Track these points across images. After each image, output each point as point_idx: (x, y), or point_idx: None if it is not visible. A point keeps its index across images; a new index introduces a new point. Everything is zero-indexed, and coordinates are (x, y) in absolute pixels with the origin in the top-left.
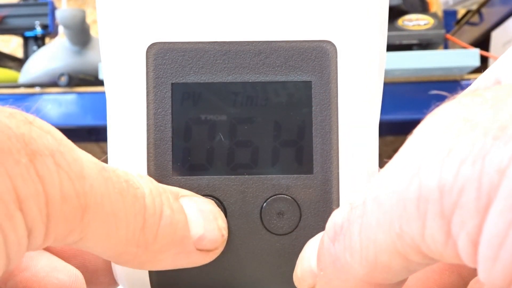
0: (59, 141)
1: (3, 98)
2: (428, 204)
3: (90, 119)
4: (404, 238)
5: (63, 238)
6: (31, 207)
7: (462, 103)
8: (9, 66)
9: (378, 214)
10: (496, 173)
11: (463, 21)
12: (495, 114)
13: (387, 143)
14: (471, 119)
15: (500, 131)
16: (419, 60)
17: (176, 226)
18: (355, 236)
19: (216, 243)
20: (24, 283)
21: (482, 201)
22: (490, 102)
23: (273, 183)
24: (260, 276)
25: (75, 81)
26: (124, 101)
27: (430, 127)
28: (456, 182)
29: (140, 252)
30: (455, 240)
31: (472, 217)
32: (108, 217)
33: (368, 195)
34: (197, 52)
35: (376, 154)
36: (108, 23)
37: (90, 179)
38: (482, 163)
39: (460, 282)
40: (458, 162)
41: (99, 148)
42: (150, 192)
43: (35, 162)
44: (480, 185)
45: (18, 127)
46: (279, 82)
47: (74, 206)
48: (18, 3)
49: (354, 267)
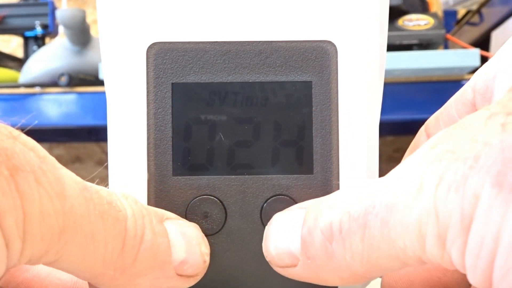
0: (42, 158)
1: (3, 98)
2: (428, 226)
3: (90, 119)
4: (407, 252)
5: (39, 257)
6: (8, 221)
7: (452, 135)
8: (9, 66)
9: (381, 230)
10: (473, 197)
11: (463, 21)
12: (473, 146)
13: (387, 143)
14: (456, 151)
15: (474, 161)
16: (419, 60)
17: (157, 250)
18: (356, 243)
19: (198, 269)
20: (26, 284)
21: (465, 222)
22: (471, 134)
23: (273, 183)
24: (260, 276)
25: (75, 81)
26: (124, 101)
27: (427, 156)
28: (446, 207)
29: (118, 275)
30: (449, 254)
31: (459, 235)
32: (86, 238)
33: (370, 209)
34: (197, 52)
35: (376, 154)
36: (108, 23)
37: (71, 199)
38: (463, 189)
39: (463, 279)
40: (446, 188)
41: (99, 148)
42: (133, 214)
43: (16, 177)
44: (462, 209)
45: (2, 141)
46: (279, 82)
47: (52, 225)
48: (18, 3)
49: (353, 265)
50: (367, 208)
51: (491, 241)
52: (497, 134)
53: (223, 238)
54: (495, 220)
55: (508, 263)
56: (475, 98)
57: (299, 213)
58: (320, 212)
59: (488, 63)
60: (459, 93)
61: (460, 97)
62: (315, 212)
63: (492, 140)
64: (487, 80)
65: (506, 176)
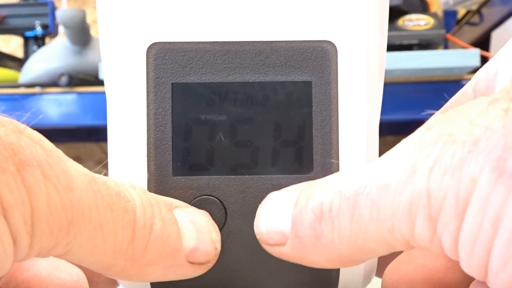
0: (49, 152)
1: (3, 98)
2: (419, 208)
3: (90, 119)
4: (395, 234)
5: (48, 250)
6: (16, 217)
7: (449, 118)
8: (9, 66)
9: (371, 210)
10: (470, 182)
11: (463, 21)
12: (472, 129)
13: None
14: (453, 134)
15: (473, 145)
16: (419, 60)
17: (167, 239)
18: (345, 223)
19: (209, 256)
20: (26, 283)
21: (460, 206)
22: (470, 117)
23: (273, 183)
24: (260, 276)
25: (75, 81)
26: (124, 101)
27: (422, 138)
28: (440, 190)
29: (129, 265)
30: (439, 238)
31: (452, 220)
32: (95, 230)
33: (361, 189)
34: (197, 52)
35: (377, 154)
36: (108, 23)
37: (78, 191)
38: (460, 173)
39: (464, 279)
40: (441, 171)
41: (99, 148)
42: (142, 204)
43: (22, 172)
44: (458, 193)
45: (7, 135)
46: (279, 82)
47: (60, 218)
48: (18, 3)
49: (340, 247)
50: (358, 189)
51: (489, 227)
52: (500, 118)
53: (223, 238)
54: (494, 206)
55: (508, 252)
56: (476, 97)
57: (293, 193)
58: (313, 193)
59: (490, 62)
60: (460, 93)
61: (461, 97)
62: (308, 192)
63: (494, 125)
64: (488, 79)
65: (507, 162)
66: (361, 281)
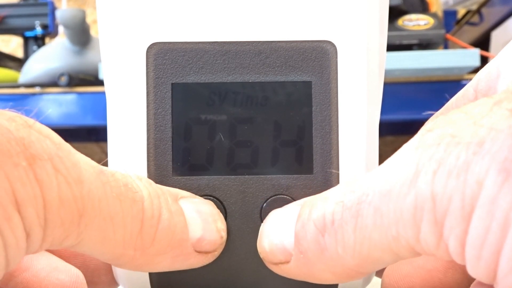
0: (58, 145)
1: (3, 98)
2: (423, 212)
3: (90, 119)
4: (400, 240)
5: (60, 242)
6: (29, 211)
7: (451, 120)
8: (9, 66)
9: (374, 218)
10: (475, 184)
11: (463, 21)
12: (476, 130)
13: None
14: (456, 135)
15: (478, 146)
16: (419, 60)
17: (174, 229)
18: (348, 233)
19: (215, 245)
20: (25, 283)
21: (466, 209)
22: (474, 118)
23: (273, 183)
24: (260, 276)
25: (75, 81)
26: (124, 101)
27: (424, 140)
28: (445, 193)
29: (138, 255)
30: (446, 242)
31: (459, 223)
32: (105, 221)
33: (363, 197)
34: (197, 52)
35: (376, 154)
36: (108, 23)
37: (88, 183)
38: (465, 175)
39: (464, 280)
40: (446, 174)
41: (99, 148)
42: (149, 195)
43: (34, 166)
44: (464, 196)
45: (18, 130)
46: (279, 82)
47: (71, 210)
48: (18, 3)
49: (344, 259)
50: (360, 197)
51: (497, 230)
52: (505, 119)
53: None
54: (502, 208)
55: None
56: (477, 98)
57: (294, 209)
58: (315, 205)
59: (491, 63)
60: (461, 94)
61: (461, 97)
62: (310, 205)
63: (499, 126)
64: (490, 80)
65: None
66: (361, 282)
